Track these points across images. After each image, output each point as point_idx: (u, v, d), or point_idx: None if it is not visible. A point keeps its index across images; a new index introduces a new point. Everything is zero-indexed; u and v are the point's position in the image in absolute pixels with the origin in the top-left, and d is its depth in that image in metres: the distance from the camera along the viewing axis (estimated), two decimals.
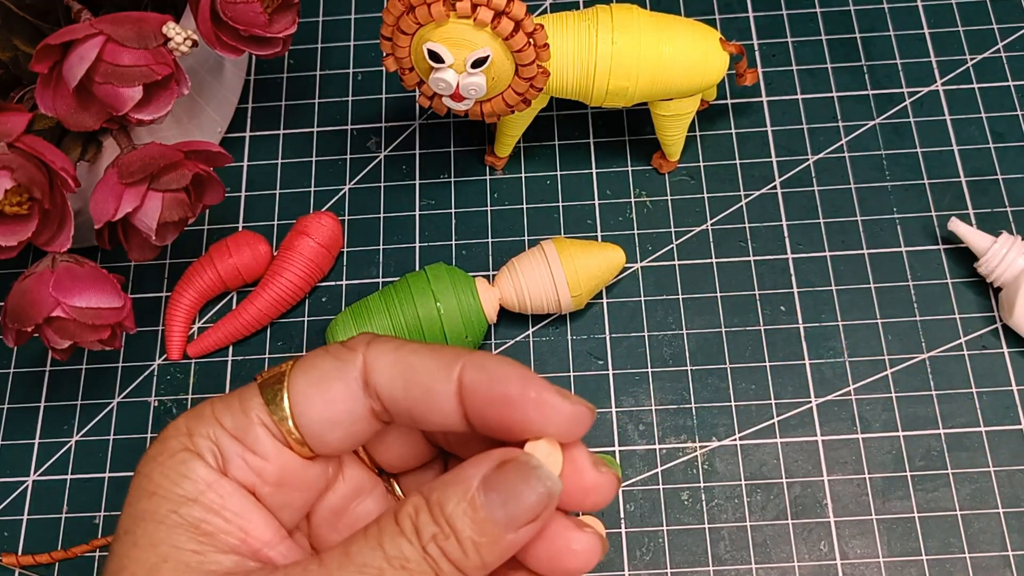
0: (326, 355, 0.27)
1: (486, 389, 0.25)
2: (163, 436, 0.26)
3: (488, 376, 0.25)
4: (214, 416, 0.26)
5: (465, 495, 0.23)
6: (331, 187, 0.52)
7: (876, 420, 0.45)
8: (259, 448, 0.26)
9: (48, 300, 0.39)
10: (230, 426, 0.26)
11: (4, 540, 0.45)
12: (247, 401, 0.26)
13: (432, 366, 0.26)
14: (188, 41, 0.40)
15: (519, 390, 0.25)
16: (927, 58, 0.52)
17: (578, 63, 0.43)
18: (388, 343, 0.26)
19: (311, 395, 0.26)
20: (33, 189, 0.38)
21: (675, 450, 0.45)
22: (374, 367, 0.26)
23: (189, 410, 0.27)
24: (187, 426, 0.26)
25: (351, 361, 0.26)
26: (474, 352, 0.26)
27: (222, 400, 0.27)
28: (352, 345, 0.27)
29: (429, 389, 0.25)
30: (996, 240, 0.45)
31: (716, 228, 0.49)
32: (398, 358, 0.26)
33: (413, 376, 0.26)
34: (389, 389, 0.26)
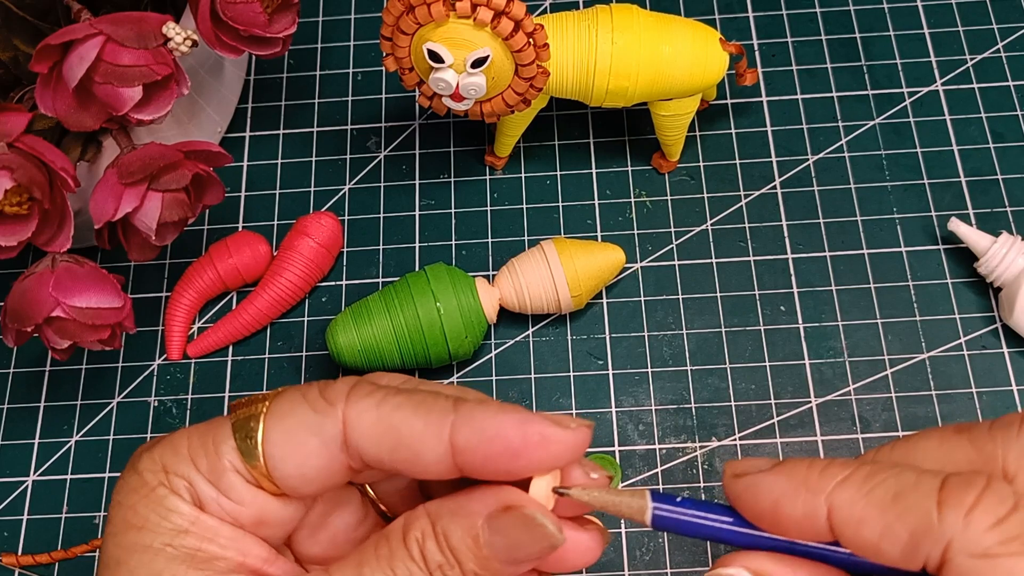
0: (303, 403, 0.25)
1: (483, 448, 0.24)
2: (138, 467, 0.26)
3: (482, 434, 0.24)
4: (189, 455, 0.25)
5: (470, 531, 0.24)
6: (331, 187, 0.52)
7: (876, 420, 0.45)
8: (233, 494, 0.25)
9: (48, 300, 0.39)
10: (204, 468, 0.25)
11: (4, 540, 0.45)
12: (220, 443, 0.25)
13: (419, 428, 0.24)
14: (188, 41, 0.40)
15: (520, 440, 0.24)
16: (927, 58, 0.53)
17: (578, 63, 0.43)
18: (369, 398, 0.25)
19: (285, 448, 0.25)
20: (33, 189, 0.38)
21: (675, 450, 0.45)
22: (355, 427, 0.25)
23: (164, 439, 0.26)
24: (162, 461, 0.25)
25: (330, 416, 0.25)
26: (462, 404, 0.24)
27: (197, 435, 0.26)
28: (331, 397, 0.25)
29: (417, 454, 0.24)
30: (996, 240, 0.45)
31: (716, 228, 0.49)
32: (380, 417, 0.24)
33: (399, 440, 0.24)
34: (373, 452, 0.25)
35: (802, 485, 0.23)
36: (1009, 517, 0.21)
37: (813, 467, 0.23)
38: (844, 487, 0.23)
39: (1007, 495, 0.21)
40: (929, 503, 0.21)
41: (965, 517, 0.21)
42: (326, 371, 0.47)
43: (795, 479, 0.23)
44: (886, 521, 0.22)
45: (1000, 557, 0.20)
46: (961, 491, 0.21)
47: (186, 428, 0.26)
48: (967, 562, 0.20)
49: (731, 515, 0.24)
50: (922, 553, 0.21)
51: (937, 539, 0.21)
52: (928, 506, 0.21)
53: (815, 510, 0.23)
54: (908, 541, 0.21)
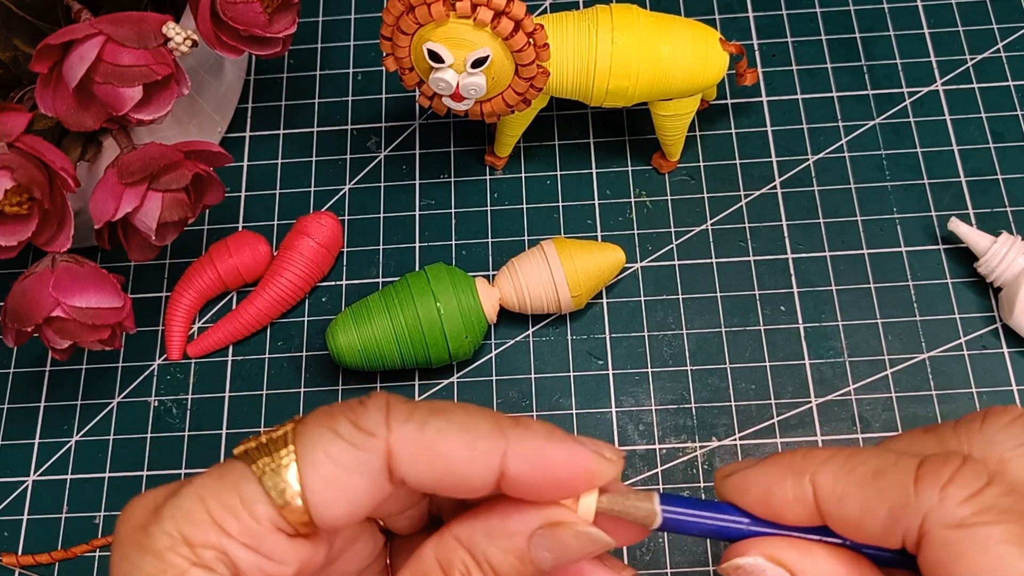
0: (338, 440, 0.23)
1: (534, 478, 0.23)
2: (152, 546, 0.22)
3: (534, 467, 0.23)
4: (213, 521, 0.22)
5: (515, 552, 0.24)
6: (331, 187, 0.52)
7: (876, 420, 0.45)
8: (276, 554, 0.23)
9: (48, 300, 0.39)
10: (238, 532, 0.22)
11: (4, 540, 0.45)
12: (251, 501, 0.23)
13: (467, 456, 0.23)
14: (188, 41, 0.40)
15: (569, 474, 0.24)
16: (927, 58, 0.53)
17: (578, 63, 0.43)
18: (410, 422, 0.23)
19: (331, 493, 0.23)
20: (33, 189, 0.38)
21: (675, 450, 0.45)
22: (400, 457, 0.23)
23: (169, 505, 0.23)
24: (181, 533, 0.22)
25: (373, 450, 0.23)
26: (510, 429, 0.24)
27: (213, 494, 0.23)
28: (370, 426, 0.23)
29: (465, 481, 0.23)
30: (996, 240, 0.45)
31: (716, 228, 0.49)
32: (424, 444, 0.23)
33: (446, 468, 0.23)
34: (417, 480, 0.23)
35: (788, 469, 0.24)
36: (984, 491, 0.21)
37: (797, 453, 0.24)
38: (826, 467, 0.23)
39: (981, 471, 0.21)
40: (907, 479, 0.22)
41: (941, 491, 0.21)
42: (326, 371, 0.47)
43: (781, 465, 0.24)
44: (866, 497, 0.22)
45: (975, 526, 0.21)
46: (938, 468, 0.22)
47: (188, 487, 0.23)
48: (943, 533, 0.21)
49: (736, 511, 0.25)
50: (900, 527, 0.22)
51: (914, 513, 0.21)
52: (906, 482, 0.22)
53: (802, 492, 0.23)
54: (887, 516, 0.22)
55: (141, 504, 0.23)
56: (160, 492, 0.24)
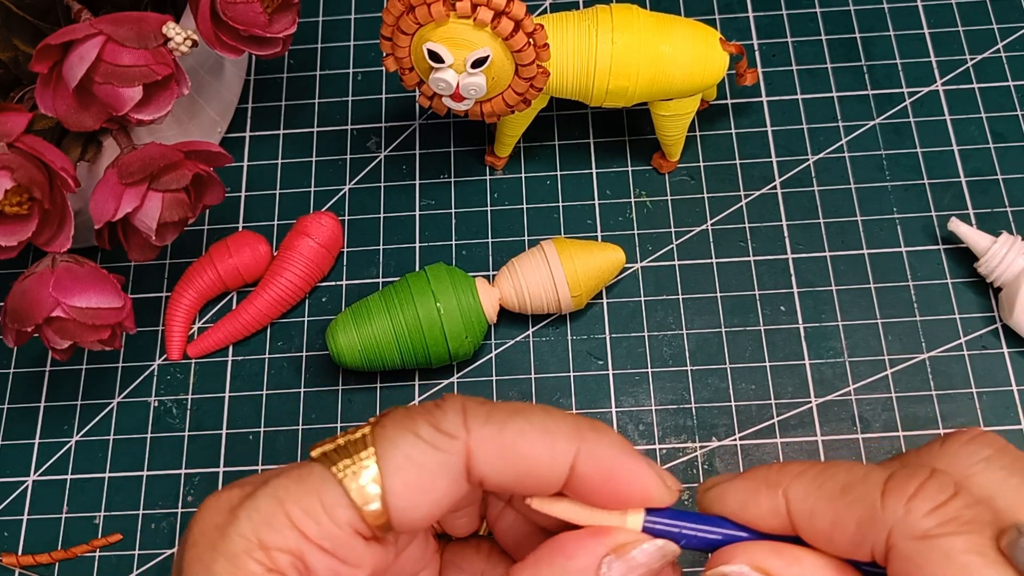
0: (420, 443, 0.23)
1: (600, 481, 0.24)
2: (228, 550, 0.22)
3: (601, 473, 0.24)
4: (292, 524, 0.22)
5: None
6: (331, 187, 0.52)
7: (876, 420, 0.45)
8: (353, 558, 0.23)
9: (48, 300, 0.39)
10: (316, 535, 0.22)
11: (4, 540, 0.45)
12: (331, 505, 0.22)
13: (546, 457, 0.23)
14: (188, 41, 0.40)
15: (628, 490, 0.24)
16: (927, 58, 0.52)
17: (578, 63, 0.43)
18: (489, 424, 0.23)
19: (414, 496, 0.23)
20: (33, 189, 0.38)
21: (675, 450, 0.45)
22: (480, 459, 0.23)
23: (246, 506, 0.22)
24: (258, 537, 0.22)
25: (454, 453, 0.23)
26: (583, 432, 0.24)
27: (293, 497, 0.22)
28: (449, 428, 0.23)
29: (542, 480, 0.24)
30: (996, 240, 0.45)
31: (716, 228, 0.49)
32: (505, 446, 0.23)
33: (526, 469, 0.23)
34: (497, 480, 0.24)
35: (763, 483, 0.24)
36: (949, 502, 0.21)
37: (773, 467, 0.24)
38: (799, 481, 0.23)
39: (947, 483, 0.22)
40: (875, 493, 0.22)
41: (906, 504, 0.21)
42: (326, 371, 0.47)
43: (757, 479, 0.24)
44: (836, 511, 0.22)
45: (939, 537, 0.21)
46: (904, 481, 0.22)
47: (266, 489, 0.23)
48: (908, 545, 0.21)
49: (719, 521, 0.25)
50: (869, 541, 0.22)
51: (881, 526, 0.21)
52: (874, 496, 0.22)
53: (776, 505, 0.23)
54: (856, 530, 0.22)
55: (216, 504, 0.23)
56: (235, 493, 0.23)
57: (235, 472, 0.46)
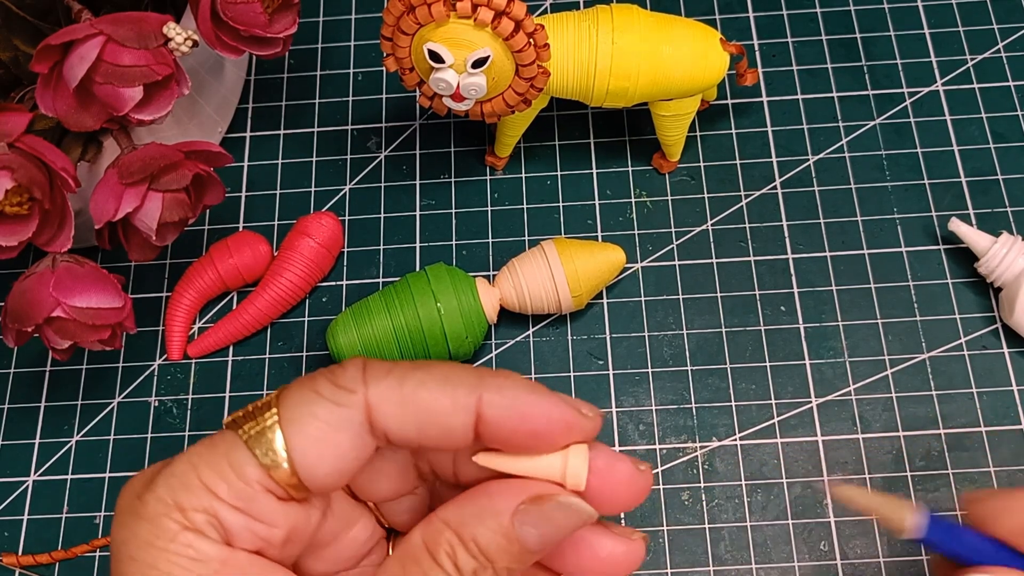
0: (319, 399, 0.24)
1: (510, 425, 0.24)
2: (146, 512, 0.23)
3: (510, 414, 0.24)
4: (204, 485, 0.23)
5: (500, 530, 0.24)
6: (331, 187, 0.52)
7: (876, 420, 0.45)
8: (266, 516, 0.23)
9: (48, 300, 0.39)
10: (227, 495, 0.23)
11: (4, 540, 0.45)
12: (239, 464, 0.23)
13: (447, 405, 0.24)
14: (188, 41, 0.40)
15: (544, 424, 0.24)
16: (927, 58, 0.52)
17: (578, 63, 0.43)
18: (388, 377, 0.24)
19: (316, 451, 0.23)
20: (33, 189, 0.38)
21: (675, 450, 0.45)
22: (380, 410, 0.24)
23: (161, 474, 0.23)
24: (174, 499, 0.23)
25: (353, 406, 0.24)
26: (485, 379, 0.24)
27: (204, 460, 0.23)
28: (348, 383, 0.24)
29: (447, 430, 0.24)
30: (996, 240, 0.45)
31: (716, 228, 0.49)
32: (405, 397, 0.24)
33: (428, 418, 0.24)
34: (400, 431, 0.24)
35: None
36: None
37: None
38: None
39: None
40: None
41: None
42: None
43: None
44: None
45: None
46: None
47: (181, 456, 0.24)
48: None
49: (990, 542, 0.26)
50: None
51: None
52: None
53: None
54: None
55: (140, 477, 0.24)
56: (156, 466, 0.24)
57: None
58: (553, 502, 0.24)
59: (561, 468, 0.25)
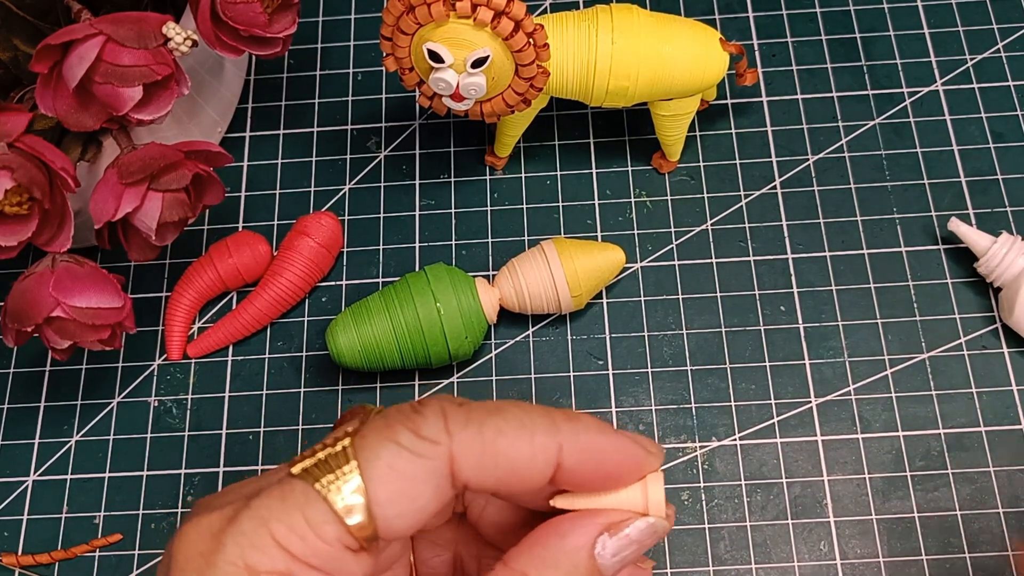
0: (403, 451, 0.23)
1: (588, 469, 0.24)
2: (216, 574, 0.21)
3: (588, 458, 0.24)
4: (278, 544, 0.22)
5: (582, 565, 0.24)
6: (331, 187, 0.52)
7: (876, 420, 0.45)
8: (342, 571, 0.22)
9: (48, 300, 0.39)
10: (303, 553, 0.22)
11: (4, 540, 0.45)
12: (318, 522, 0.22)
13: (527, 453, 0.23)
14: (188, 41, 0.40)
15: (618, 466, 0.25)
16: (927, 58, 0.53)
17: (578, 63, 0.43)
18: (469, 427, 0.23)
19: (400, 505, 0.22)
20: (33, 189, 0.38)
21: (675, 450, 0.45)
22: (463, 463, 0.23)
23: (231, 532, 0.22)
24: (246, 561, 0.21)
25: (438, 458, 0.23)
26: (559, 423, 0.24)
27: (276, 517, 0.22)
28: (431, 434, 0.23)
29: (525, 478, 0.24)
30: (996, 240, 0.45)
31: (716, 228, 0.49)
32: (486, 446, 0.23)
33: (508, 467, 0.23)
34: (479, 482, 0.23)
35: None
36: None
37: None
38: None
39: None
40: None
41: None
42: (326, 371, 0.47)
43: None
44: None
45: None
46: None
47: (249, 511, 0.22)
48: None
49: None
50: None
51: None
52: None
53: None
54: None
55: (197, 531, 0.23)
56: (215, 518, 0.23)
57: (235, 472, 0.46)
58: (630, 526, 0.25)
59: (643, 500, 0.25)
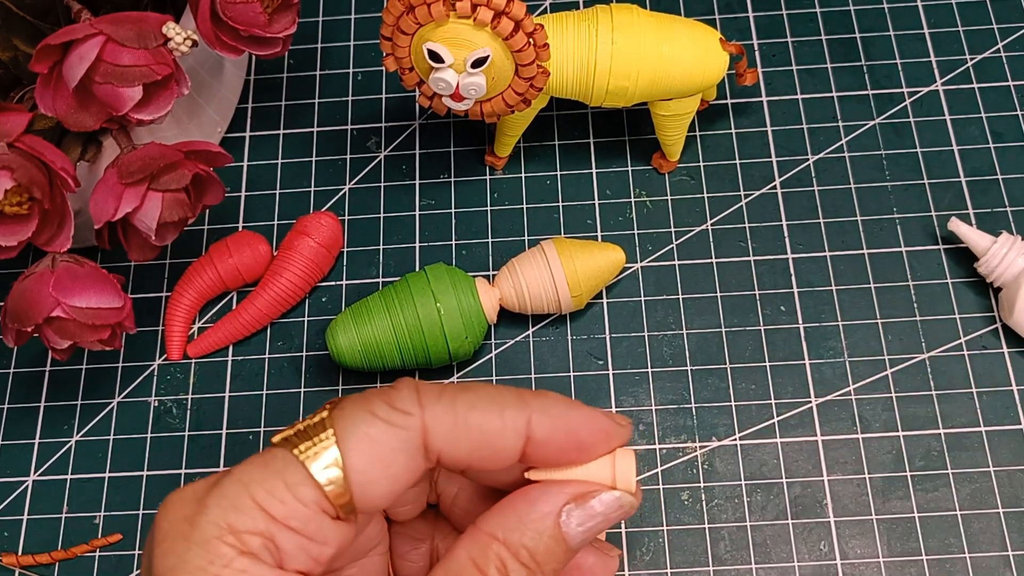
0: (377, 420, 0.24)
1: (557, 442, 0.25)
2: (199, 538, 0.22)
3: (557, 430, 0.25)
4: (259, 506, 0.23)
5: (548, 532, 0.24)
6: (331, 187, 0.52)
7: (876, 420, 0.45)
8: (320, 535, 0.23)
9: (48, 300, 0.39)
10: (283, 515, 0.23)
11: (4, 540, 0.45)
12: (296, 484, 0.23)
13: (497, 425, 0.24)
14: (188, 41, 0.40)
15: (589, 436, 0.25)
16: (927, 58, 0.53)
17: (578, 63, 0.43)
18: (441, 401, 0.24)
19: (374, 472, 0.23)
20: (33, 189, 0.38)
21: (675, 450, 0.45)
22: (434, 433, 0.24)
23: (214, 494, 0.23)
24: (228, 522, 0.22)
25: (410, 428, 0.24)
26: (528, 399, 0.25)
27: (257, 481, 0.23)
28: (404, 406, 0.24)
29: (498, 450, 0.25)
30: (996, 240, 0.45)
31: (716, 228, 0.49)
32: (458, 419, 0.24)
33: (480, 439, 0.24)
34: (452, 454, 0.24)
35: None
36: None
37: None
38: None
39: None
40: None
41: None
42: (326, 371, 0.47)
43: None
44: None
45: None
46: None
47: (230, 476, 0.23)
48: None
49: None
50: None
51: None
52: None
53: None
54: None
55: (180, 498, 0.24)
56: (200, 485, 0.24)
57: None
58: (596, 498, 0.25)
59: (611, 473, 0.26)
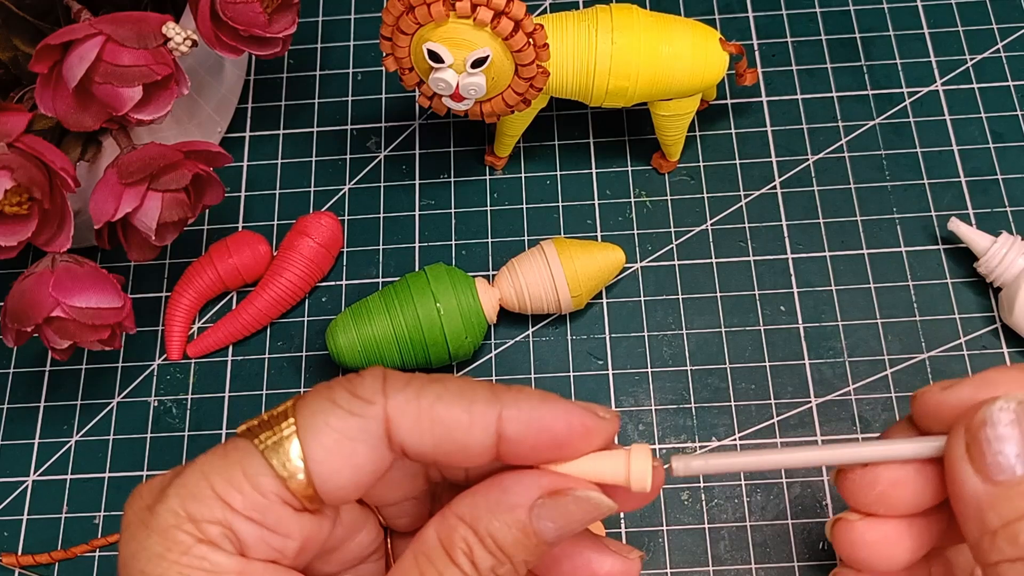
0: (337, 409, 0.23)
1: (530, 438, 0.24)
2: (158, 525, 0.22)
3: (529, 426, 0.24)
4: (217, 496, 0.22)
5: (517, 524, 0.23)
6: (331, 187, 0.52)
7: (876, 420, 0.45)
8: (281, 527, 0.23)
9: (48, 300, 0.39)
10: (242, 506, 0.22)
11: (4, 540, 0.45)
12: (255, 474, 0.23)
13: (463, 420, 0.23)
14: (188, 41, 0.40)
15: (565, 431, 0.24)
16: (927, 58, 0.52)
17: (578, 63, 0.43)
18: (406, 390, 0.24)
19: (335, 462, 0.23)
20: (33, 189, 0.38)
21: (675, 450, 0.45)
22: (398, 423, 0.23)
23: (174, 483, 0.23)
24: (186, 511, 0.22)
25: (372, 418, 0.23)
26: (503, 394, 0.24)
27: (218, 471, 0.23)
28: (367, 395, 0.23)
29: (464, 446, 0.24)
30: (996, 240, 0.45)
31: (716, 228, 0.49)
32: (422, 410, 0.23)
33: (444, 433, 0.23)
34: (416, 446, 0.24)
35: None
36: None
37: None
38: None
39: None
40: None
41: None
42: (326, 371, 0.47)
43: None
44: None
45: None
46: None
47: (192, 466, 0.23)
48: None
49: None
50: None
51: None
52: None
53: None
54: None
55: (148, 487, 0.24)
56: (167, 475, 0.24)
57: None
58: (570, 496, 0.24)
59: (625, 470, 0.24)
